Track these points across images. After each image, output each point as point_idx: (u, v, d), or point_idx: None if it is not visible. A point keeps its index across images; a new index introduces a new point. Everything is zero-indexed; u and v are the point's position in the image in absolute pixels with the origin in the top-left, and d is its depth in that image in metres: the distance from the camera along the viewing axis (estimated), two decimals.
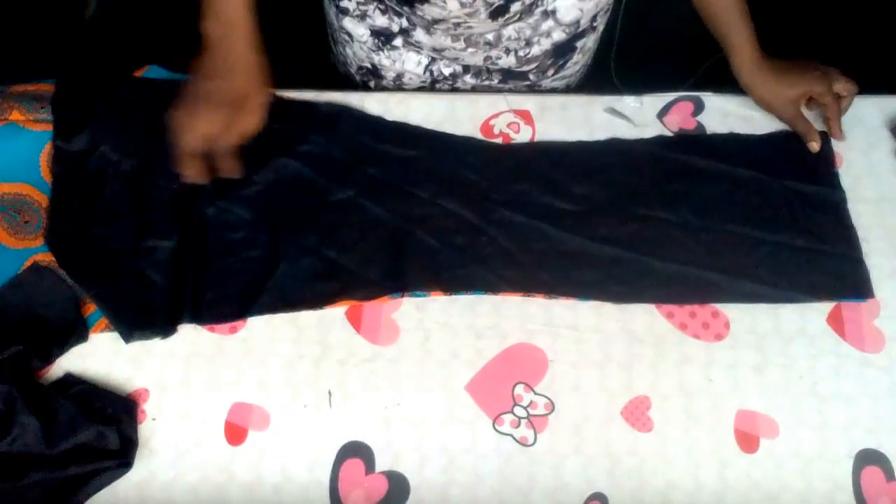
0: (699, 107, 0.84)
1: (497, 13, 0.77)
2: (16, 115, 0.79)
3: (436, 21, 0.79)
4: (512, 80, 0.89)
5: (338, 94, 0.84)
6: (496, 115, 0.84)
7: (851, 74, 0.80)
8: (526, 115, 0.84)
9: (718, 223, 0.77)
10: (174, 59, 0.85)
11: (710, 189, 0.79)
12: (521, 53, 0.85)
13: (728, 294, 0.74)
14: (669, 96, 0.85)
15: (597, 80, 0.99)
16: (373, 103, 0.84)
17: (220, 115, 0.69)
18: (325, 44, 1.00)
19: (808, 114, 0.82)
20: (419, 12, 0.78)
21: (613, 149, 0.81)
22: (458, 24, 0.79)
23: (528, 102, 0.84)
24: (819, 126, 0.82)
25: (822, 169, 0.80)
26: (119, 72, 0.83)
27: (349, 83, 0.85)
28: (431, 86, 0.90)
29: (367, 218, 0.78)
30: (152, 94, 0.81)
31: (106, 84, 0.81)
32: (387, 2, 0.82)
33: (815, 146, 0.80)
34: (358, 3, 0.84)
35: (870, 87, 0.83)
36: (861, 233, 0.77)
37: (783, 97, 0.80)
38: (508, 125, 0.83)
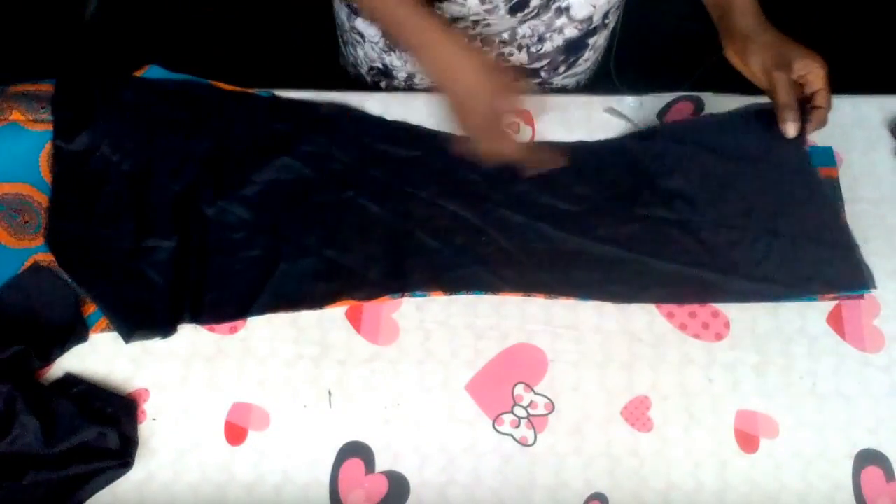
0: (699, 107, 0.84)
1: (516, 9, 0.77)
2: (16, 115, 0.79)
3: (454, 19, 0.79)
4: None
5: (337, 94, 0.84)
6: None
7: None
8: (526, 115, 0.84)
9: (718, 220, 0.77)
10: (174, 59, 0.85)
11: (708, 185, 0.78)
12: (533, 50, 0.85)
13: (728, 293, 0.74)
14: (669, 96, 0.85)
15: (597, 80, 0.99)
16: (373, 103, 0.84)
17: (501, 128, 0.70)
18: (333, 49, 1.00)
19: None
20: (438, 10, 0.78)
21: (612, 147, 0.81)
22: (476, 23, 0.79)
23: (528, 102, 0.84)
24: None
25: (795, 154, 0.77)
26: (119, 72, 0.83)
27: (359, 86, 0.85)
28: None
29: (368, 218, 0.78)
30: (152, 94, 0.82)
31: (106, 84, 0.81)
32: None
33: (790, 128, 0.73)
34: None
35: (870, 87, 0.83)
36: (861, 233, 0.77)
37: (784, 57, 0.72)
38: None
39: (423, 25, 0.69)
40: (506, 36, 0.82)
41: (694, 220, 0.77)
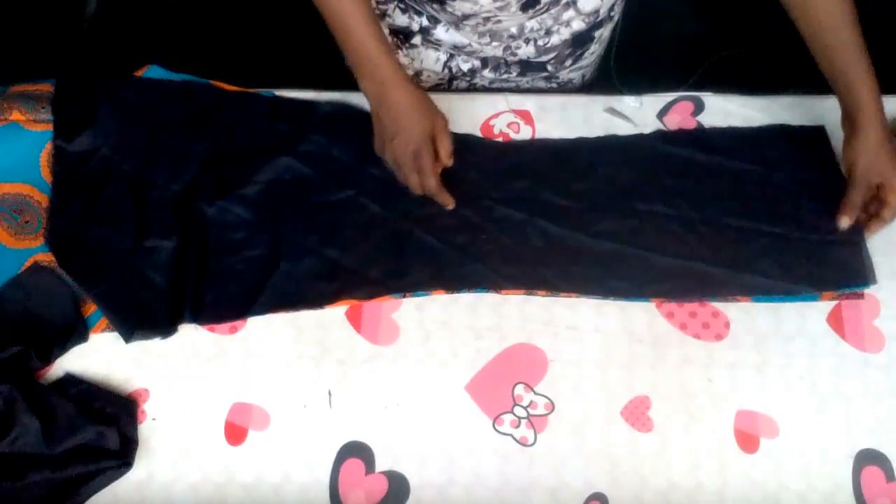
0: (699, 107, 0.84)
1: (528, 5, 0.76)
2: (16, 115, 0.79)
3: (465, 17, 0.79)
4: (531, 72, 0.89)
5: (338, 93, 0.84)
6: (496, 115, 0.84)
7: None
8: (526, 115, 0.84)
9: (718, 216, 0.77)
10: (174, 59, 0.85)
11: (708, 182, 0.79)
12: (540, 43, 0.84)
13: (729, 288, 0.74)
14: (669, 96, 0.85)
15: (597, 79, 0.99)
16: None
17: (424, 162, 0.74)
18: (338, 51, 0.99)
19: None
20: (449, 9, 0.78)
21: (612, 144, 0.81)
22: (487, 19, 0.79)
23: (528, 102, 0.84)
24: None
25: (822, 160, 0.79)
26: (119, 72, 0.83)
27: None
28: (449, 83, 0.90)
29: (368, 217, 0.78)
30: (152, 94, 0.82)
31: (106, 84, 0.82)
32: (408, 1, 0.82)
33: (843, 221, 0.73)
34: (378, 3, 0.84)
35: None
36: None
37: (882, 168, 0.72)
38: (508, 125, 0.83)
39: (369, 45, 0.72)
40: (514, 30, 0.82)
41: (694, 214, 0.77)
